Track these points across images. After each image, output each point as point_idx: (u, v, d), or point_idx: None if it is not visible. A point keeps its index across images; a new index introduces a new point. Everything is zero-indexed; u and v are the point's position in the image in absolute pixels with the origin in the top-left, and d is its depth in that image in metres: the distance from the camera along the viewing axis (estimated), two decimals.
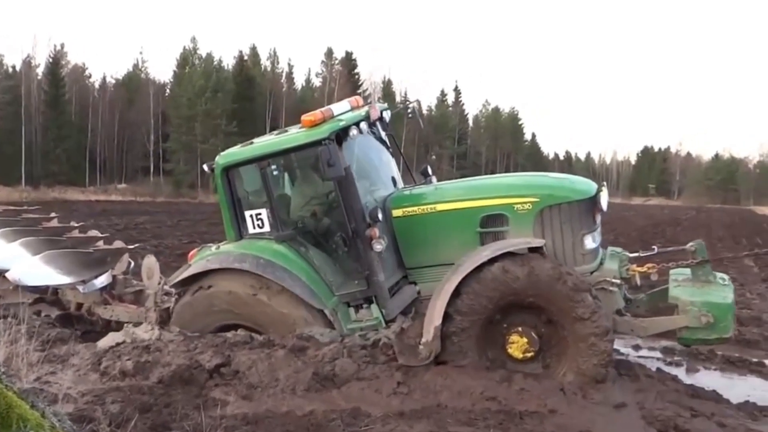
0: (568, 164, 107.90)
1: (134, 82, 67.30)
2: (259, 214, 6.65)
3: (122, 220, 25.40)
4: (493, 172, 78.89)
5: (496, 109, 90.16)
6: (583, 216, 6.33)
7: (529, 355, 5.82)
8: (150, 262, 7.56)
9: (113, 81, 67.90)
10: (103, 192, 50.86)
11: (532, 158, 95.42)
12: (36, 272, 7.39)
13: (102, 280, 7.73)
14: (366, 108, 7.00)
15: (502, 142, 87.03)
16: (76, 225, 9.40)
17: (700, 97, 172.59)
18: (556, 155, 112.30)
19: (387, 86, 74.16)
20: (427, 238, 6.61)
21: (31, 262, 7.40)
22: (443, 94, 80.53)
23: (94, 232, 9.30)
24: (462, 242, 6.39)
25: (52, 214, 9.75)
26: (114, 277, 7.92)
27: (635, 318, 6.37)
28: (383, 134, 7.32)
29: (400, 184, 7.50)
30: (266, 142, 6.82)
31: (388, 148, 7.53)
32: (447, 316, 5.66)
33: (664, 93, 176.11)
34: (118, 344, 6.34)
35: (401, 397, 5.16)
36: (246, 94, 62.59)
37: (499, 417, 4.88)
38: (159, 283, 7.37)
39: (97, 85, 66.32)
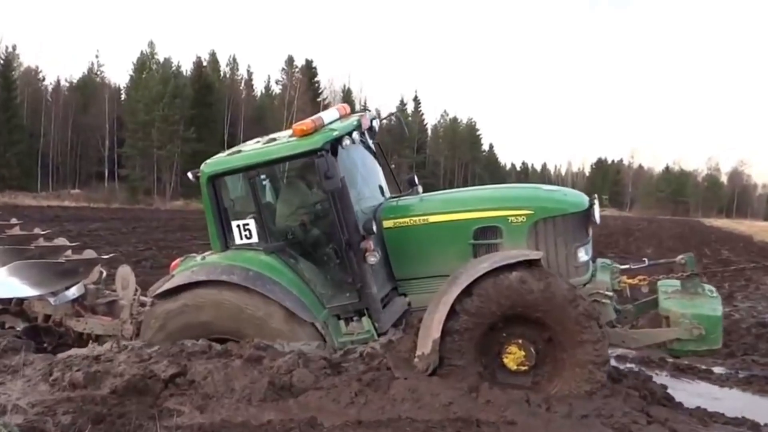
0: (524, 175, 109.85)
1: (89, 86, 66.04)
2: (247, 224, 6.47)
3: (75, 227, 24.83)
4: (452, 182, 79.70)
5: (455, 120, 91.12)
6: (577, 229, 6.33)
7: (523, 368, 5.75)
8: (125, 272, 7.24)
9: (67, 84, 66.59)
10: (56, 197, 49.67)
11: (490, 168, 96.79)
12: (4, 284, 7.08)
13: (74, 292, 7.38)
14: (357, 117, 6.90)
15: (460, 152, 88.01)
16: (41, 233, 9.00)
17: (651, 110, 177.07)
18: (513, 166, 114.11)
19: (347, 95, 74.25)
20: (418, 249, 6.52)
21: None
22: (403, 103, 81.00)
23: (62, 240, 8.94)
24: (454, 254, 6.33)
25: (13, 220, 9.43)
26: (85, 287, 7.60)
27: (626, 330, 6.39)
28: (371, 143, 7.23)
29: (387, 193, 7.42)
30: (256, 151, 6.57)
31: (375, 157, 7.44)
32: (453, 314, 5.55)
33: (617, 105, 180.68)
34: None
35: (359, 406, 5.13)
36: (204, 100, 62.11)
37: (457, 425, 4.91)
38: (135, 294, 7.10)
39: (50, 89, 64.90)
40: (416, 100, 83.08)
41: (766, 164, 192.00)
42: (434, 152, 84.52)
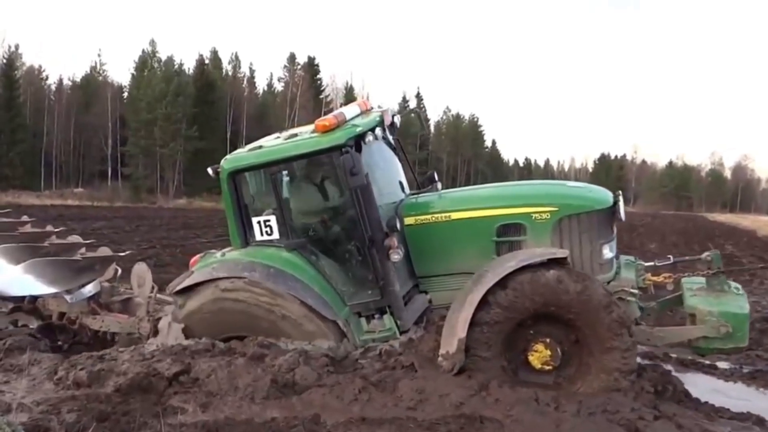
0: (527, 171, 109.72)
1: (92, 85, 66.24)
2: (268, 220, 6.40)
3: (78, 226, 24.83)
4: (454, 179, 79.67)
5: (457, 116, 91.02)
6: (602, 225, 6.27)
7: (547, 368, 5.68)
8: (141, 269, 7.24)
9: (70, 83, 66.75)
10: (59, 196, 49.74)
11: (493, 165, 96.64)
12: (21, 281, 7.07)
13: (90, 289, 7.33)
14: (379, 113, 6.82)
15: (463, 149, 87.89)
16: (54, 230, 9.01)
17: (653, 105, 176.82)
18: (516, 162, 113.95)
19: (349, 92, 74.26)
20: (440, 246, 6.47)
21: (14, 271, 7.07)
22: (405, 100, 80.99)
23: (75, 238, 8.92)
24: (477, 251, 6.29)
25: (24, 218, 9.39)
26: (101, 285, 7.57)
27: (652, 327, 6.32)
28: (391, 139, 7.16)
29: (407, 189, 7.36)
30: (278, 147, 6.48)
31: (395, 152, 7.40)
32: (485, 305, 5.49)
33: (620, 100, 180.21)
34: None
35: (362, 403, 5.14)
36: (207, 98, 62.18)
37: (460, 422, 4.90)
38: (152, 292, 7.07)
39: (53, 88, 65.09)
40: (419, 96, 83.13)
41: None
42: (437, 149, 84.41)
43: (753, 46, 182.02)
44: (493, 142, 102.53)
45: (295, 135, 6.60)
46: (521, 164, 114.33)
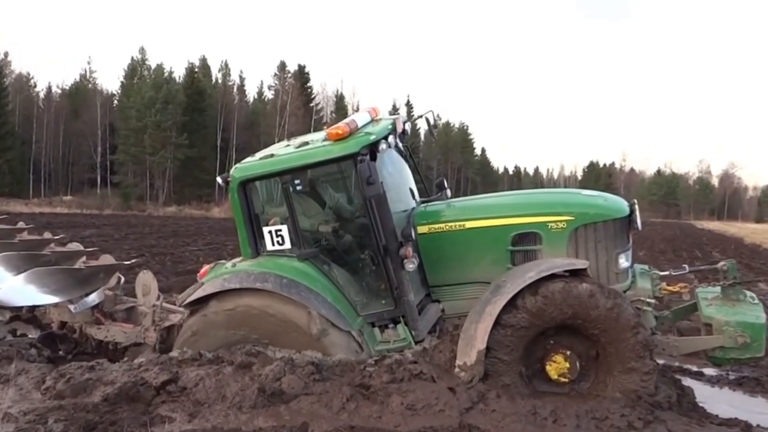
0: (517, 179, 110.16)
1: (81, 93, 66.05)
2: (279, 230, 6.29)
3: (67, 233, 24.60)
4: None
5: (447, 124, 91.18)
6: (618, 235, 6.21)
7: (563, 380, 5.66)
8: (146, 278, 7.07)
9: (59, 91, 66.55)
10: (48, 204, 49.43)
11: (482, 172, 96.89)
12: (23, 291, 6.89)
13: (93, 298, 7.14)
14: (391, 120, 6.71)
15: (453, 156, 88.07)
16: (54, 237, 8.86)
17: (642, 114, 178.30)
18: (506, 170, 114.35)
19: (340, 100, 74.32)
20: (454, 255, 6.38)
21: (16, 280, 6.90)
22: (395, 108, 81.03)
23: (75, 245, 8.77)
24: (491, 260, 6.23)
25: (20, 224, 9.19)
26: (105, 293, 7.39)
27: (668, 337, 6.29)
28: (401, 146, 7.07)
29: (417, 196, 7.31)
30: (291, 156, 6.31)
31: (406, 159, 7.33)
32: (512, 308, 5.44)
33: (609, 109, 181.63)
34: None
35: (350, 412, 5.13)
36: (197, 106, 62.15)
37: (448, 430, 4.92)
38: (158, 300, 6.91)
39: (42, 95, 64.80)
40: (408, 104, 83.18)
41: (756, 166, 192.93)
42: (427, 157, 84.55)
43: (741, 56, 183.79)
44: (483, 150, 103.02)
45: (307, 143, 6.44)
46: (511, 172, 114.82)
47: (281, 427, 4.92)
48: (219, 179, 6.75)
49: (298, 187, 6.34)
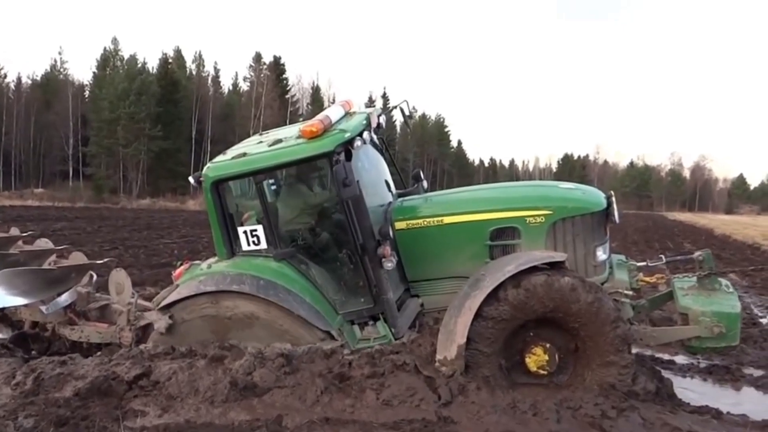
0: (492, 171, 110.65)
1: (52, 83, 64.82)
2: (255, 230, 6.19)
3: (38, 227, 24.27)
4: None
5: (423, 116, 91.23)
6: (596, 228, 6.25)
7: (542, 372, 5.72)
8: (119, 276, 6.83)
9: (29, 81, 65.33)
10: (19, 197, 48.62)
11: (458, 164, 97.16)
12: None
13: (65, 298, 6.86)
14: (365, 114, 6.60)
15: (429, 148, 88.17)
16: (21, 234, 8.51)
17: (615, 107, 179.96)
18: (482, 162, 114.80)
19: (316, 91, 73.97)
20: (432, 251, 6.36)
21: None
22: (371, 100, 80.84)
23: (44, 242, 8.45)
24: (470, 255, 6.24)
25: None
26: (77, 292, 7.10)
27: (645, 327, 6.38)
28: (376, 140, 6.99)
29: (393, 189, 7.25)
30: (264, 155, 6.16)
31: (381, 153, 7.27)
32: (493, 300, 5.46)
33: (582, 101, 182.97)
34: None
35: (324, 404, 5.14)
36: (171, 97, 61.41)
37: (423, 422, 4.94)
38: (132, 298, 6.72)
39: (12, 86, 63.56)
40: (385, 96, 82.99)
41: (726, 159, 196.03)
42: (403, 149, 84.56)
43: (712, 51, 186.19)
44: (459, 143, 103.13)
45: (280, 140, 6.30)
46: (486, 164, 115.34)
47: (255, 420, 4.92)
48: (191, 179, 6.66)
49: (273, 187, 6.28)
